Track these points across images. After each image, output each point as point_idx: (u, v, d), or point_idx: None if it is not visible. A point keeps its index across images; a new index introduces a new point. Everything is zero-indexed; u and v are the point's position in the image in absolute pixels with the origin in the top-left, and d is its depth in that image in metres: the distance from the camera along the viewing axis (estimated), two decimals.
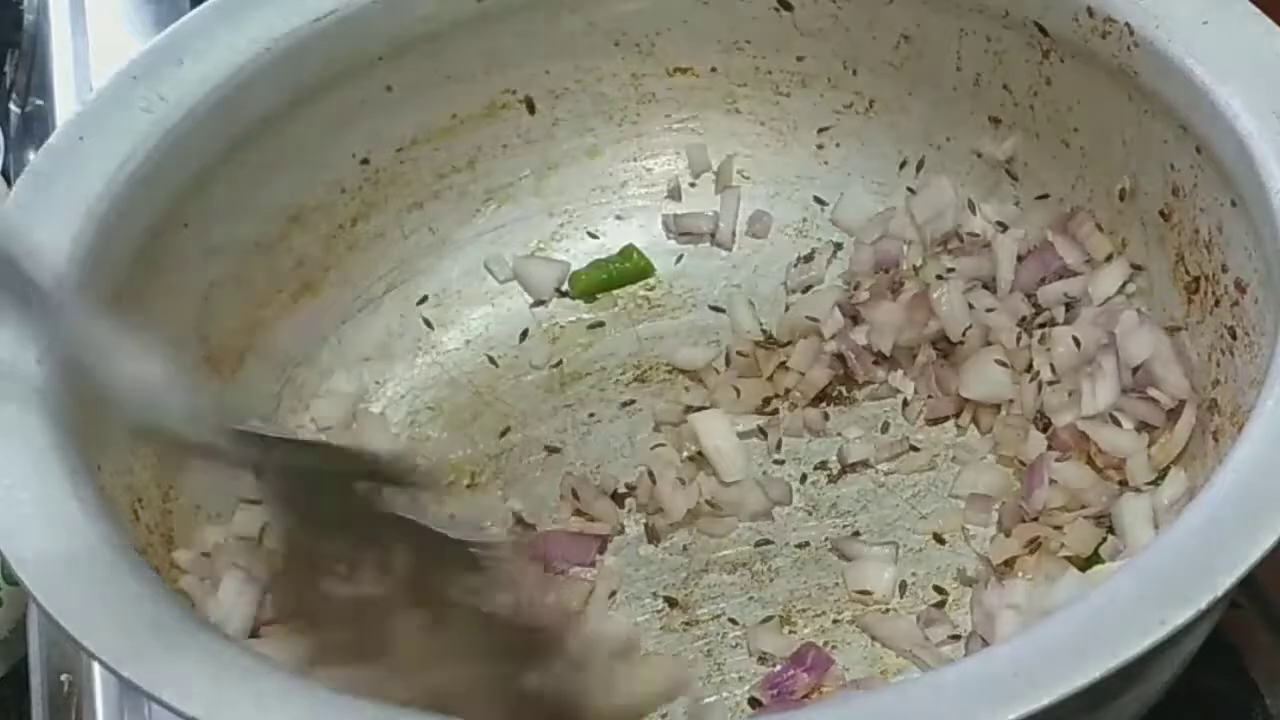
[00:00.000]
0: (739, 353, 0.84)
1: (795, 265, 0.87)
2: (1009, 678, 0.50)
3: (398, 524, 0.64)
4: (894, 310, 0.82)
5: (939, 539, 0.76)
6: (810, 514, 0.78)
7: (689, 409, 0.82)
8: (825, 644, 0.73)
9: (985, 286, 0.81)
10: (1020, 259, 0.81)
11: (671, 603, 0.76)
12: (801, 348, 0.82)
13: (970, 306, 0.80)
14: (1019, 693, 0.50)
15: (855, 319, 0.82)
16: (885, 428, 0.81)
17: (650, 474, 0.79)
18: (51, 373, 0.65)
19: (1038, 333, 0.79)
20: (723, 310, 0.87)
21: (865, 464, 0.79)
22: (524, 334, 0.87)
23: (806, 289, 0.86)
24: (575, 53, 0.86)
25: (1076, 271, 0.79)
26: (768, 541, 0.77)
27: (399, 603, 0.62)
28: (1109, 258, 0.78)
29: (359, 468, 0.67)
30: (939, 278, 0.82)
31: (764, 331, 0.85)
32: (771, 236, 0.89)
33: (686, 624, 0.74)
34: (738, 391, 0.82)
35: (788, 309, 0.85)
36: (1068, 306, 0.79)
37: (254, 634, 0.70)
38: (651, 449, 0.81)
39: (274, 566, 0.70)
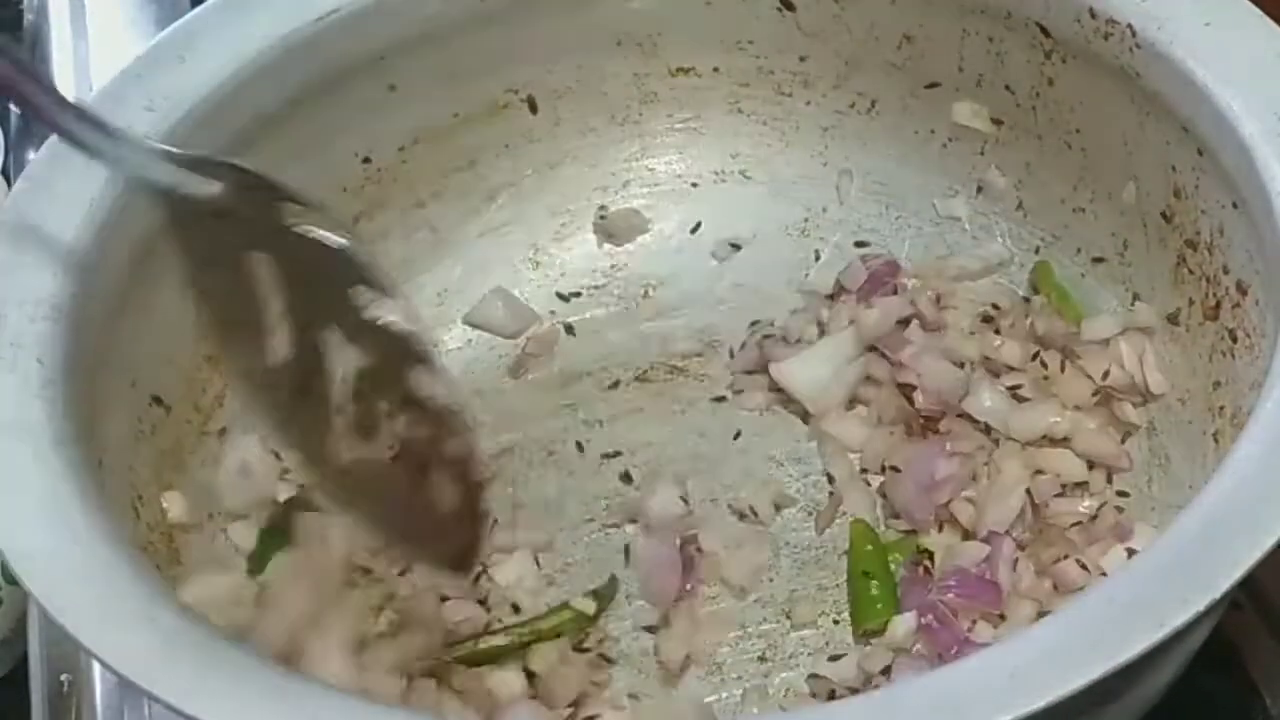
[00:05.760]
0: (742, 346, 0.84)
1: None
2: (1007, 679, 0.51)
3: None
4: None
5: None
6: (810, 514, 0.78)
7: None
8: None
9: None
10: None
11: None
12: None
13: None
14: (1017, 693, 0.50)
15: None
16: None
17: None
18: (53, 371, 0.65)
19: None
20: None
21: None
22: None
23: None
24: (577, 52, 0.86)
25: None
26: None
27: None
28: None
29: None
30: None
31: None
32: (774, 237, 0.89)
33: None
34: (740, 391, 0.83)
35: (793, 313, 0.85)
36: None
37: None
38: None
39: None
